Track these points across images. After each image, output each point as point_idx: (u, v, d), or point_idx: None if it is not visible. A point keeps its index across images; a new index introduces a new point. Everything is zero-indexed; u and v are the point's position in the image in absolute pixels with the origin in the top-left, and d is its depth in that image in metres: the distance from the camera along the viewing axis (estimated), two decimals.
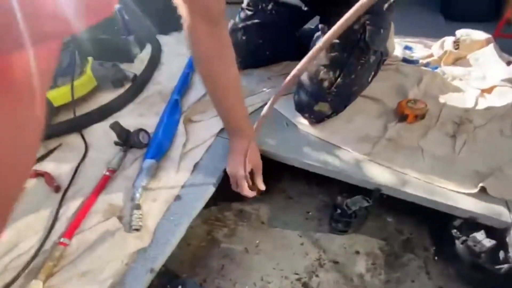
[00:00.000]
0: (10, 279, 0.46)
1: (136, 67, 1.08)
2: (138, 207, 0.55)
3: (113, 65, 0.93)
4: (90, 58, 0.93)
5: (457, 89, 0.90)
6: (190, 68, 1.00)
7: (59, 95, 0.80)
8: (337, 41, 0.68)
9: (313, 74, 0.70)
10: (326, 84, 0.69)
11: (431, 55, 1.09)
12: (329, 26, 0.78)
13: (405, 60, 1.05)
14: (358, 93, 0.79)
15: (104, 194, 0.60)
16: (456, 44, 1.06)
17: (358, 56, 0.69)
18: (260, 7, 0.86)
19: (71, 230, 0.52)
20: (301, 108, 0.75)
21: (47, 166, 0.68)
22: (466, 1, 1.41)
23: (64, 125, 0.75)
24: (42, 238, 0.51)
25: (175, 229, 0.54)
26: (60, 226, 0.54)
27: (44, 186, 0.63)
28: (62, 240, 0.50)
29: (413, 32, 1.31)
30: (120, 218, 0.55)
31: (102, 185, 0.61)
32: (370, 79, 0.82)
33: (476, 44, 1.03)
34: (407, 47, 1.17)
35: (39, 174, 0.64)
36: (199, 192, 0.62)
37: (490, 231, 0.56)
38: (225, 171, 0.67)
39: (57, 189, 0.61)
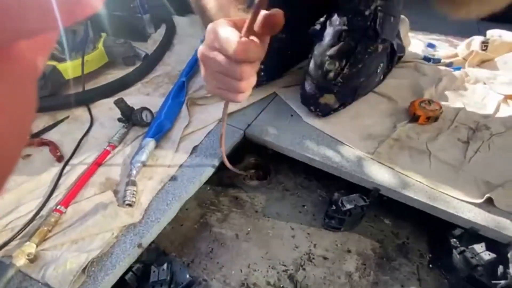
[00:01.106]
0: (7, 239, 0.48)
1: (149, 47, 1.08)
2: (133, 183, 0.56)
3: (124, 43, 0.93)
4: (103, 34, 0.94)
5: (479, 93, 0.84)
6: None
7: (71, 68, 0.81)
8: (345, 27, 0.64)
9: (319, 65, 0.67)
10: (331, 75, 0.66)
11: (455, 55, 1.02)
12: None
13: (426, 58, 0.99)
14: (366, 87, 0.76)
15: (103, 168, 0.62)
16: (485, 45, 0.99)
17: (366, 44, 0.65)
18: None
19: (68, 199, 0.54)
20: (306, 101, 0.73)
21: (53, 136, 0.70)
22: None
23: (72, 98, 0.76)
24: (41, 204, 0.53)
25: (166, 208, 0.55)
26: (59, 194, 0.56)
27: (48, 155, 0.65)
28: (58, 207, 0.52)
29: (440, 29, 1.23)
30: (115, 192, 0.56)
31: (102, 158, 0.62)
32: (379, 71, 0.77)
33: (506, 46, 0.96)
34: (430, 45, 1.10)
35: (44, 143, 0.67)
36: (194, 174, 0.62)
37: (492, 245, 0.53)
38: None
39: (59, 158, 0.63)
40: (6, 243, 0.48)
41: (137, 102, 0.76)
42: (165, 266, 0.49)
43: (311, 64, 0.69)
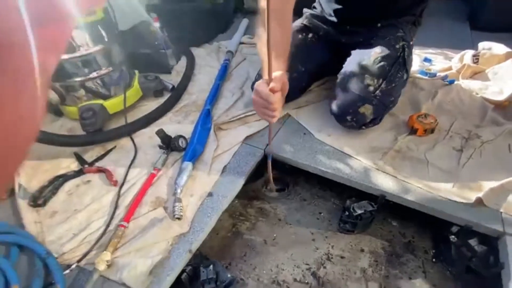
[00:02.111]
0: (87, 250, 0.61)
1: (173, 77, 1.23)
2: (179, 200, 0.68)
3: (155, 78, 1.08)
4: (136, 72, 1.09)
5: (471, 104, 0.94)
6: (220, 80, 1.13)
7: (113, 104, 0.96)
8: (382, 54, 0.79)
9: (360, 80, 0.78)
10: (371, 88, 0.77)
11: (449, 68, 1.12)
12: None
13: (422, 73, 1.09)
14: (391, 107, 0.84)
15: (152, 189, 0.74)
16: (476, 57, 1.09)
17: (397, 70, 0.79)
18: (300, 35, 0.93)
19: (128, 216, 0.66)
20: (344, 111, 0.80)
21: (105, 163, 0.83)
22: (493, 11, 1.40)
23: (118, 130, 0.90)
24: (107, 221, 0.66)
25: (207, 220, 0.67)
26: (120, 213, 0.69)
27: (104, 180, 0.78)
28: (122, 223, 0.64)
29: (436, 42, 1.34)
30: (164, 209, 0.69)
31: (150, 181, 0.75)
32: (399, 98, 0.86)
33: (495, 58, 1.06)
34: (426, 59, 1.21)
35: (100, 170, 0.80)
36: (227, 190, 0.74)
37: (484, 238, 0.62)
38: (249, 175, 0.79)
39: (115, 183, 0.76)
40: (86, 254, 0.60)
41: (171, 129, 0.89)
42: (211, 267, 0.61)
43: (351, 79, 0.80)
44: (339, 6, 0.88)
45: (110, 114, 0.96)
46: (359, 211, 0.69)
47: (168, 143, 0.83)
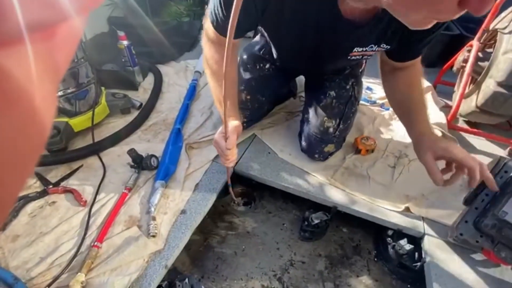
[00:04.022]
0: (57, 273, 0.60)
1: (140, 94, 1.24)
2: (154, 218, 0.71)
3: (124, 96, 1.09)
4: (103, 89, 1.08)
5: (401, 128, 1.14)
6: (189, 99, 1.19)
7: (79, 122, 0.95)
8: (335, 98, 0.89)
9: (320, 124, 0.89)
10: (331, 130, 0.89)
11: (385, 97, 1.35)
12: (311, 95, 0.98)
13: (365, 100, 1.30)
14: (347, 135, 0.98)
15: (124, 208, 0.76)
16: None
17: (350, 107, 0.91)
18: (258, 67, 0.96)
19: (102, 236, 0.67)
20: (312, 151, 0.92)
21: (72, 183, 0.82)
22: None
23: (85, 149, 0.90)
24: (78, 243, 0.66)
25: (182, 236, 0.71)
26: (91, 233, 0.69)
27: (72, 200, 0.78)
28: (95, 243, 0.65)
29: (375, 73, 1.58)
30: (139, 227, 0.71)
31: (122, 200, 0.77)
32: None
33: None
34: (368, 88, 1.43)
35: (67, 190, 0.79)
36: (199, 207, 0.79)
37: (412, 239, 0.78)
38: (220, 191, 0.86)
39: (84, 203, 0.76)
40: (58, 277, 0.60)
41: (141, 148, 0.91)
42: (186, 280, 0.65)
43: (313, 124, 0.90)
44: (289, 64, 0.95)
45: (75, 132, 0.94)
46: (316, 221, 0.80)
47: (140, 162, 0.85)
